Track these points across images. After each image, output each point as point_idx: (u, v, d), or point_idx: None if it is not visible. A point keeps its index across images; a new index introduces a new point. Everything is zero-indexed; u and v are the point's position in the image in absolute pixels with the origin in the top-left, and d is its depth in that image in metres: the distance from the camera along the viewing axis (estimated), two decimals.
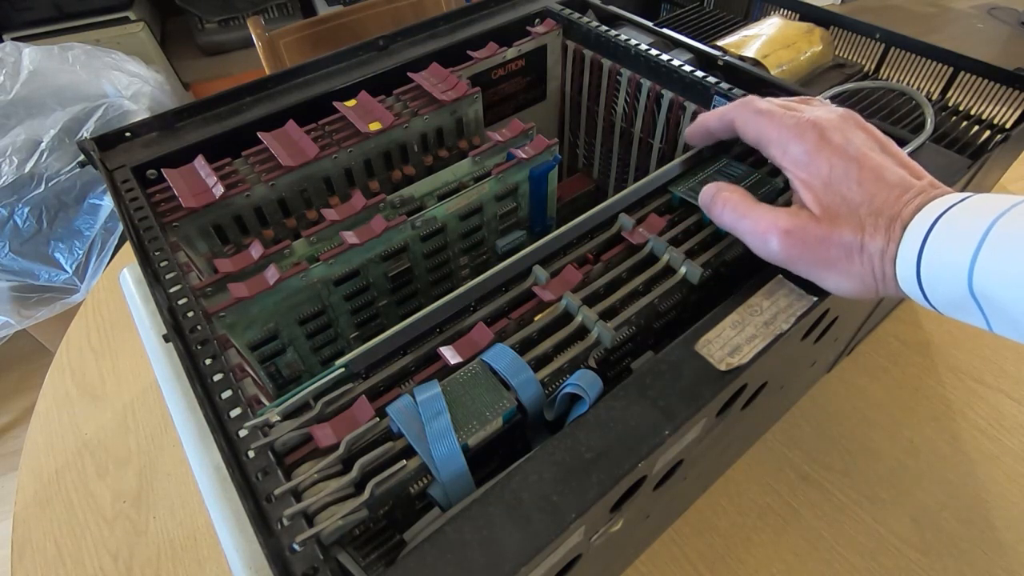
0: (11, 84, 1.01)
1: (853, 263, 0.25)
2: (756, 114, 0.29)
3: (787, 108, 0.29)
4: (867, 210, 0.25)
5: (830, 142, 0.26)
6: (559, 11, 0.50)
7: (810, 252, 0.26)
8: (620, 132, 0.51)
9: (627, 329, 0.27)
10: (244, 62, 1.58)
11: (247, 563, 0.23)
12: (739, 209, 0.28)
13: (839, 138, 0.26)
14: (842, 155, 0.26)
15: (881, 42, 0.48)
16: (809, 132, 0.27)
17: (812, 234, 0.26)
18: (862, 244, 0.25)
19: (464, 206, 0.38)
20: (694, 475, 0.34)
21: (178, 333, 0.28)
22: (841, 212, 0.25)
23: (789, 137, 0.27)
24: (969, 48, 0.50)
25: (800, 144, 0.27)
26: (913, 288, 0.24)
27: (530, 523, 0.20)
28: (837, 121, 0.27)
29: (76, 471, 0.48)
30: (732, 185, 0.29)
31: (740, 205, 0.28)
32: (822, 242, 0.25)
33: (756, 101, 0.30)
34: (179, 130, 0.40)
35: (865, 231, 0.25)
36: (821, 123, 0.27)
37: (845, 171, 0.26)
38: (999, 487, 0.42)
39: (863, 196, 0.25)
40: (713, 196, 0.29)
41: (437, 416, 0.23)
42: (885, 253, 0.24)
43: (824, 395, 0.47)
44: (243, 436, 0.23)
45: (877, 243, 0.24)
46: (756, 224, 0.27)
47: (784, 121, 0.28)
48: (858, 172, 0.25)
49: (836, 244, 0.25)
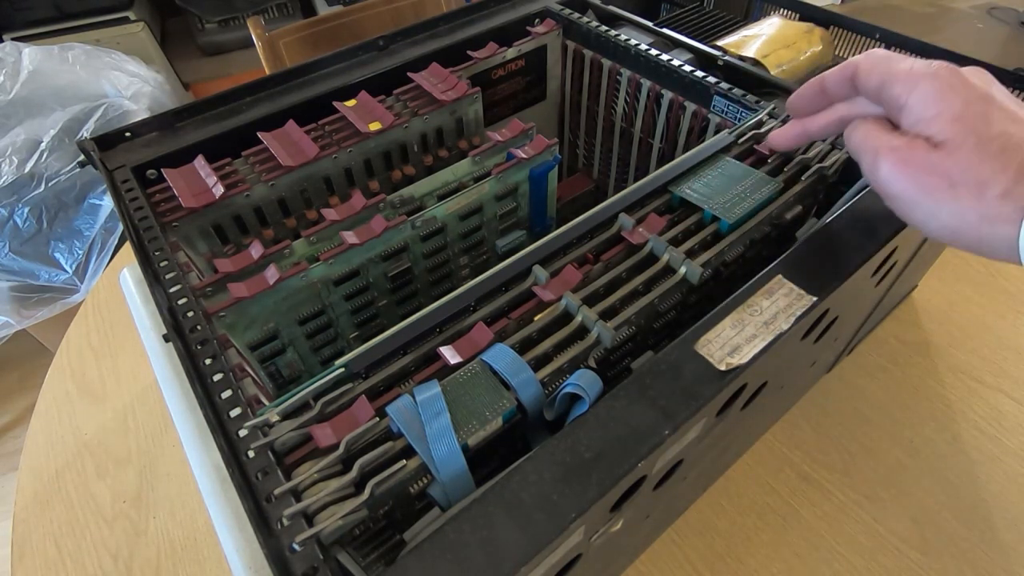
0: (11, 84, 1.01)
1: (959, 198, 0.23)
2: (887, 57, 0.27)
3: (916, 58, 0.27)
4: (999, 146, 0.23)
5: (966, 82, 0.24)
6: (559, 11, 0.50)
7: (913, 174, 0.24)
8: (620, 132, 0.51)
9: (627, 329, 0.27)
10: (244, 62, 1.58)
11: (247, 563, 0.23)
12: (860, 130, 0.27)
13: (977, 80, 0.24)
14: (982, 95, 0.24)
15: (881, 42, 0.48)
16: (944, 72, 0.25)
17: (921, 157, 0.24)
18: (977, 180, 0.23)
19: (464, 206, 0.38)
20: (694, 475, 0.34)
21: (178, 333, 0.28)
22: (966, 144, 0.23)
23: (921, 75, 0.25)
24: (969, 48, 0.50)
25: (931, 83, 0.25)
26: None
27: (530, 523, 0.20)
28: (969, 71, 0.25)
29: (76, 471, 0.48)
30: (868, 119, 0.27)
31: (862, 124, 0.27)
32: (930, 167, 0.24)
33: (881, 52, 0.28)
34: (179, 130, 0.40)
35: (985, 165, 0.23)
36: (951, 68, 0.25)
37: (982, 109, 0.23)
38: (999, 487, 0.42)
39: (998, 131, 0.23)
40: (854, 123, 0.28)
41: (437, 416, 0.23)
42: (1008, 195, 0.22)
43: (824, 395, 0.47)
44: (243, 436, 0.23)
45: (999, 183, 0.22)
46: (866, 136, 0.26)
47: (914, 64, 0.25)
48: (999, 112, 0.23)
49: (945, 173, 0.23)
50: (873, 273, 0.32)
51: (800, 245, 0.29)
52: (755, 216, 0.31)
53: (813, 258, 0.29)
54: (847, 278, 0.28)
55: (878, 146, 0.25)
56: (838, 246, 0.29)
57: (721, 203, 0.31)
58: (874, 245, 0.29)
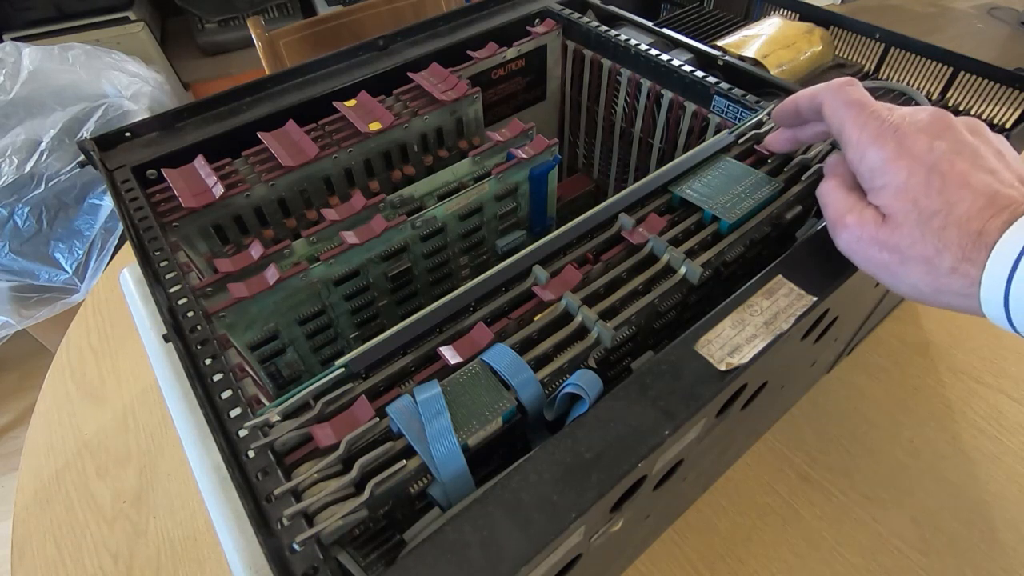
0: (11, 84, 1.01)
1: (911, 273, 0.24)
2: (845, 105, 0.27)
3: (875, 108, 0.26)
4: (941, 222, 0.23)
5: (910, 150, 0.24)
6: (559, 11, 0.50)
7: (867, 251, 0.25)
8: (620, 132, 0.51)
9: (627, 329, 0.27)
10: (244, 62, 1.58)
11: (247, 563, 0.23)
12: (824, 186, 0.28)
13: (921, 145, 0.24)
14: (922, 162, 0.24)
15: (881, 42, 0.48)
16: (889, 139, 0.25)
17: (871, 233, 0.25)
18: (927, 257, 0.23)
19: (464, 206, 0.38)
20: (694, 475, 0.34)
21: (178, 333, 0.28)
22: (909, 219, 0.24)
23: (868, 142, 0.25)
24: (969, 48, 0.50)
25: (878, 152, 0.25)
26: (998, 312, 0.22)
27: (530, 523, 0.20)
28: (923, 124, 0.25)
29: (76, 471, 0.48)
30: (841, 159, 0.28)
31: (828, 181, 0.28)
32: (881, 243, 0.24)
33: (849, 89, 0.27)
34: (179, 130, 0.40)
35: (928, 242, 0.23)
36: (903, 129, 0.25)
37: (924, 179, 0.23)
38: (999, 487, 0.42)
39: (940, 205, 0.23)
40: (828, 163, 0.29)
41: (437, 416, 0.23)
42: (956, 270, 0.22)
43: (824, 395, 0.47)
44: (243, 436, 0.23)
45: (946, 258, 0.22)
46: (827, 199, 0.28)
47: (867, 124, 0.26)
48: (940, 180, 0.23)
49: (895, 248, 0.24)
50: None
51: (800, 245, 0.29)
52: (755, 216, 0.31)
53: (813, 258, 0.29)
54: (847, 278, 0.28)
55: (835, 217, 0.27)
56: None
57: (721, 203, 0.31)
58: None
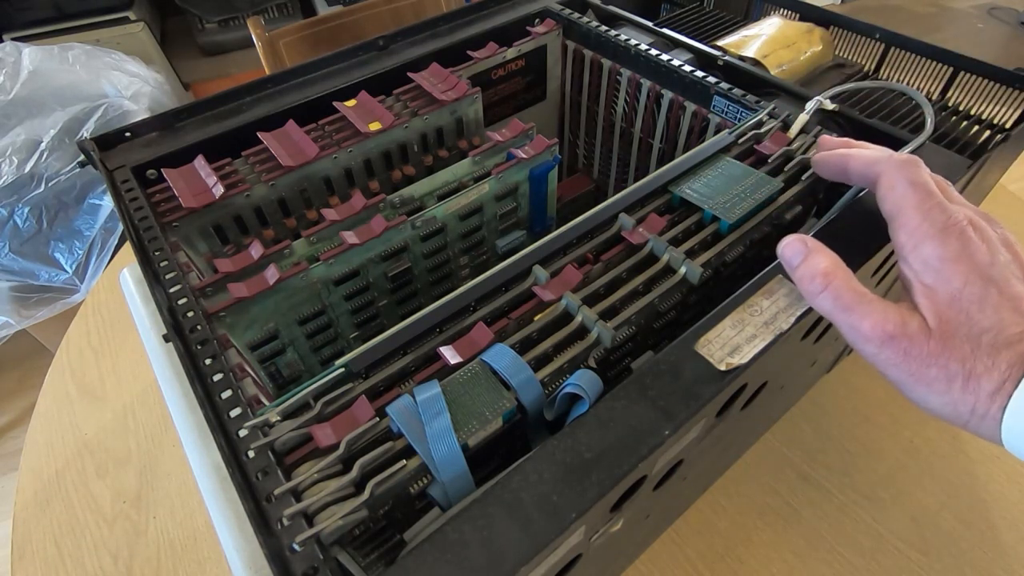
0: (11, 84, 1.01)
1: (952, 390, 0.22)
2: (911, 186, 0.25)
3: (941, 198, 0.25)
4: (991, 339, 0.22)
5: (972, 256, 0.23)
6: (559, 11, 0.50)
7: (908, 364, 0.23)
8: (620, 132, 0.51)
9: (627, 329, 0.27)
10: (244, 62, 1.58)
11: (247, 563, 0.23)
12: (843, 299, 0.24)
13: (984, 255, 0.23)
14: (982, 274, 0.23)
15: (881, 42, 0.48)
16: (953, 239, 0.23)
17: (918, 347, 0.23)
18: (971, 374, 0.22)
19: (464, 206, 0.38)
20: (694, 475, 0.34)
21: (178, 333, 0.28)
22: (960, 333, 0.22)
23: (929, 234, 0.24)
24: (969, 48, 0.50)
25: (938, 248, 0.23)
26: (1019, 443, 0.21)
27: (530, 523, 0.20)
28: (987, 233, 0.24)
29: (76, 471, 0.48)
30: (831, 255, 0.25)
31: (845, 294, 0.24)
32: (926, 359, 0.23)
33: (916, 170, 0.25)
34: (179, 130, 0.40)
35: (979, 361, 0.22)
36: (968, 233, 0.23)
37: (981, 292, 0.22)
38: (999, 487, 0.42)
39: (992, 322, 0.22)
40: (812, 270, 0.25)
41: (437, 416, 0.23)
42: (998, 393, 0.21)
43: (824, 395, 0.47)
44: (243, 436, 0.23)
45: (991, 380, 0.22)
46: (860, 323, 0.24)
47: (931, 213, 0.24)
48: (996, 297, 0.22)
49: (941, 366, 0.22)
50: (874, 273, 0.32)
51: None
52: (755, 216, 0.31)
53: None
54: None
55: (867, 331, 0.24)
56: (838, 246, 0.29)
57: (721, 203, 0.31)
58: (874, 245, 0.29)
